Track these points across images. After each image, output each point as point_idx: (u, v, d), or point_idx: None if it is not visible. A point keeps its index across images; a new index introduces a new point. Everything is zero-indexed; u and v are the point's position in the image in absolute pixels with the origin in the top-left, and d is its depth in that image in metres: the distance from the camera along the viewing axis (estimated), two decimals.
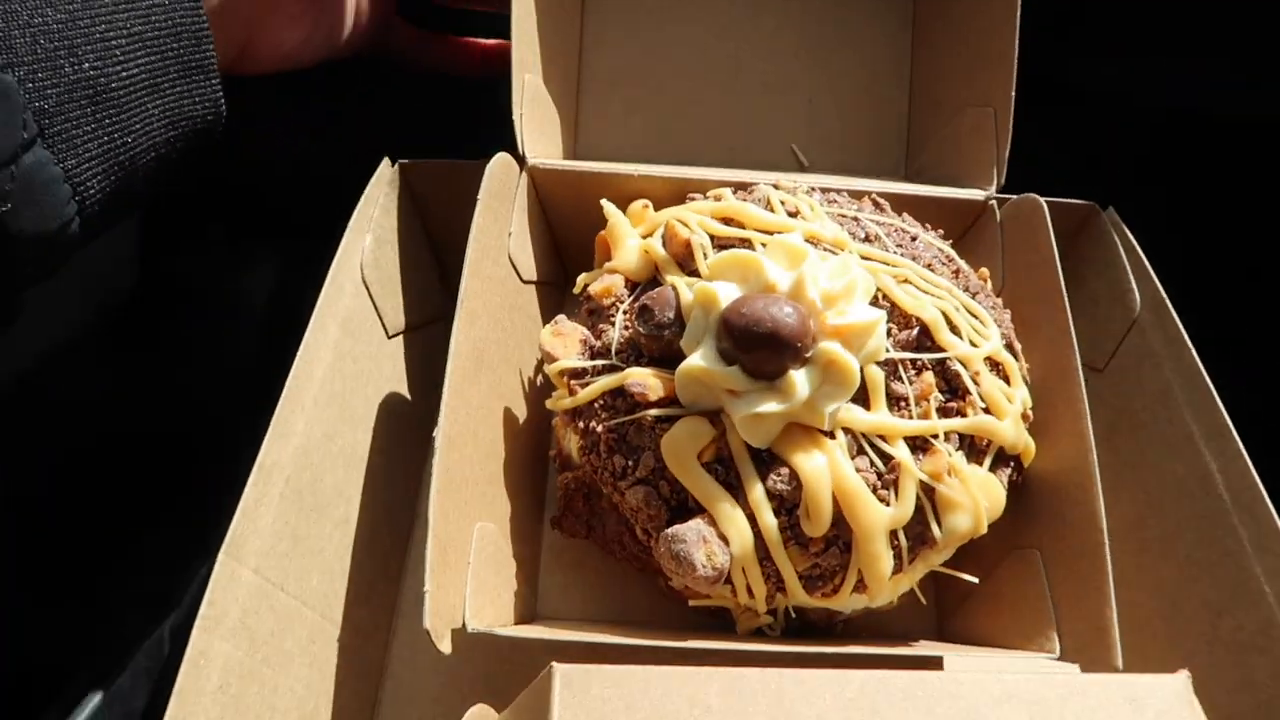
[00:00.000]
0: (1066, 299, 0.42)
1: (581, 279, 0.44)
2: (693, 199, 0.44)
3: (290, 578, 0.38)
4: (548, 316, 0.43)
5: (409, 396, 0.48)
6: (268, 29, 0.44)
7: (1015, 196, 0.47)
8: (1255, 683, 0.38)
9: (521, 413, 0.46)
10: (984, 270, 0.44)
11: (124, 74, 0.35)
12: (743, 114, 0.58)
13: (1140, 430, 0.46)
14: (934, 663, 0.41)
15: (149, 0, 0.36)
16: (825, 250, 0.39)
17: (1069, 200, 0.50)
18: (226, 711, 0.33)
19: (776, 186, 0.44)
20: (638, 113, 0.58)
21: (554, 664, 0.27)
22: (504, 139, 0.46)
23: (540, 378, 0.48)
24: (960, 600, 0.45)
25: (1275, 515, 0.39)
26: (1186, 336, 0.44)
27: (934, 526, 0.36)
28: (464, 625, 0.36)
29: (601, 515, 0.43)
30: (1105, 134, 0.63)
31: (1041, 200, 0.45)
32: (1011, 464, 0.40)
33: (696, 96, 0.58)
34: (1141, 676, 0.27)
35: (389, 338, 0.48)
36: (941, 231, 0.45)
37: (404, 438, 0.48)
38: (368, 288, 0.45)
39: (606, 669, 0.27)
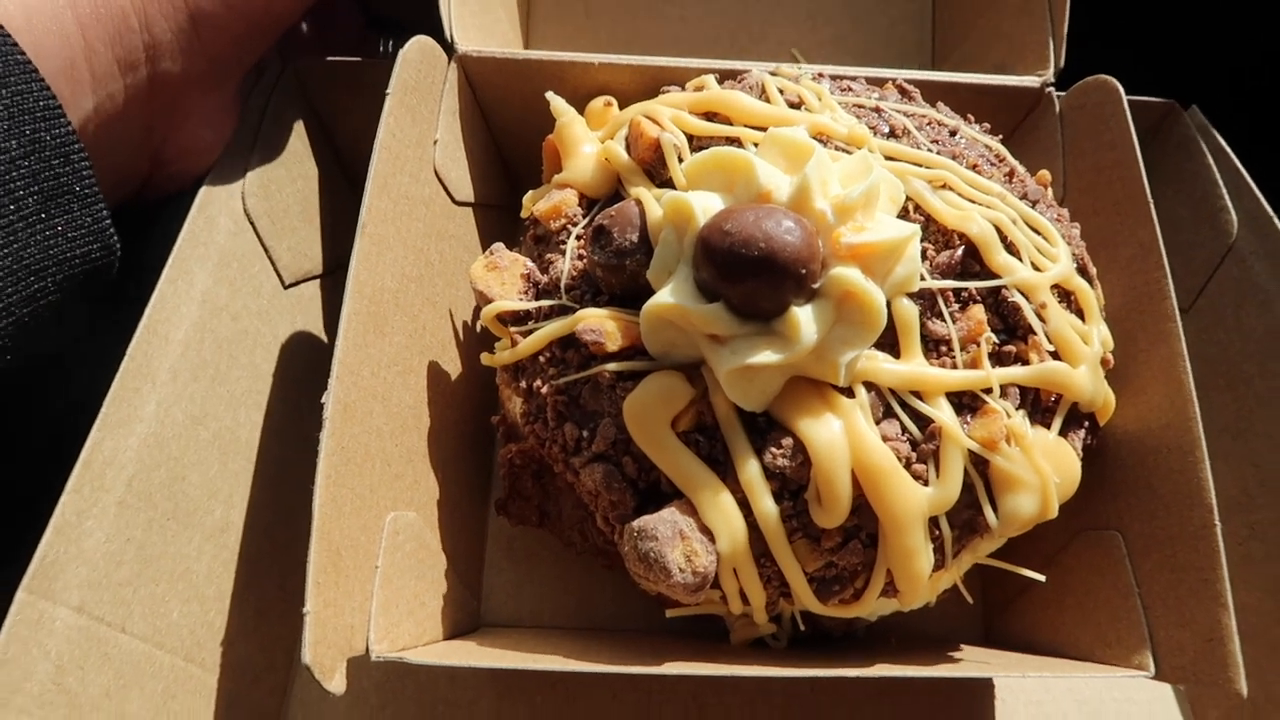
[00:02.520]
0: (1153, 206, 0.32)
1: (528, 198, 0.37)
2: (667, 92, 0.34)
3: (135, 614, 0.30)
4: None
5: (317, 361, 0.38)
6: (182, 131, 0.35)
7: (1081, 82, 0.37)
8: None
9: (455, 368, 0.38)
10: (1044, 173, 0.35)
11: None
12: (731, 13, 0.50)
13: (1243, 386, 0.38)
14: (983, 687, 0.32)
15: None
16: (838, 149, 0.30)
17: (1140, 98, 0.41)
18: None
19: (774, 73, 0.35)
20: (605, 15, 0.50)
21: None
22: None
23: (480, 324, 0.39)
24: (1015, 594, 0.37)
25: None
26: None
27: (988, 511, 0.29)
28: (367, 651, 0.28)
29: (556, 497, 0.35)
30: (1188, 24, 0.52)
31: (1118, 84, 0.35)
32: (1085, 424, 0.32)
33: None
34: None
35: (286, 287, 0.39)
36: (988, 126, 0.35)
37: (310, 415, 0.38)
38: (253, 223, 0.36)
39: None
